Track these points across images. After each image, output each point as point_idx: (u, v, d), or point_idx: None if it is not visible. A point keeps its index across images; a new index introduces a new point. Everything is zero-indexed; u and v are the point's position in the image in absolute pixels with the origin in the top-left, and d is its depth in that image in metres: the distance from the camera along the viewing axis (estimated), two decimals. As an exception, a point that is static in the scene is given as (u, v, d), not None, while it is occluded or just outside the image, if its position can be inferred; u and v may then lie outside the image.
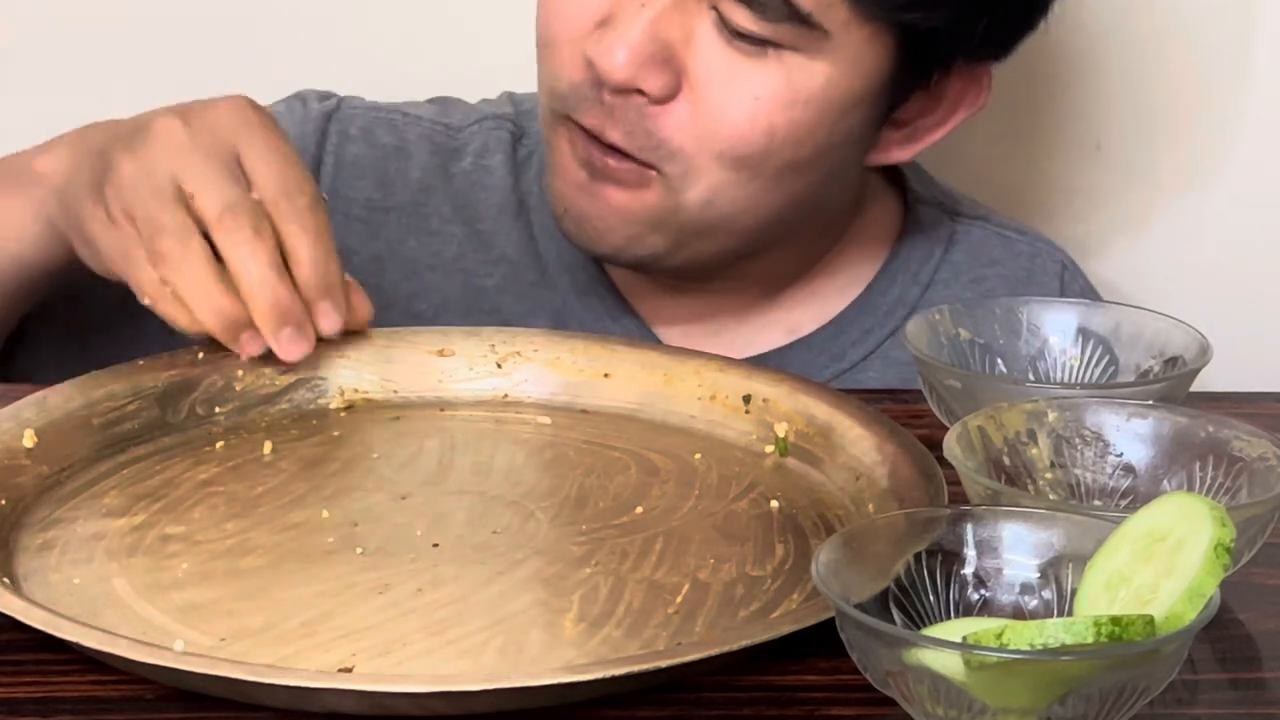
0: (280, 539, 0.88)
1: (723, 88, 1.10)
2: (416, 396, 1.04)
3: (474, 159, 1.26)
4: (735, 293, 1.24)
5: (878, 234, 1.27)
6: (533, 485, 0.95)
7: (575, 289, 1.23)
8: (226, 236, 0.96)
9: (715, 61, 1.10)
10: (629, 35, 1.09)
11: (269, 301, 0.97)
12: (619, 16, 1.10)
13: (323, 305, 0.99)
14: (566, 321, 1.22)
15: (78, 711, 0.76)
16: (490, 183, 1.26)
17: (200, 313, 0.97)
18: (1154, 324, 1.01)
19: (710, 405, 1.03)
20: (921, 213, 1.28)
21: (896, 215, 1.29)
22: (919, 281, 1.25)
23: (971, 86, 1.19)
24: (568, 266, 1.23)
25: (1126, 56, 1.49)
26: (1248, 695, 0.80)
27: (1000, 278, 1.28)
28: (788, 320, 1.25)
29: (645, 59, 1.09)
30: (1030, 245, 1.30)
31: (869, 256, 1.26)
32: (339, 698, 0.74)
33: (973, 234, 1.28)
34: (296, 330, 0.99)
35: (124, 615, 0.81)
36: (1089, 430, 0.89)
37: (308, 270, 0.99)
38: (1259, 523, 0.81)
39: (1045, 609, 0.77)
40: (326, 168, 1.25)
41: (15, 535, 0.87)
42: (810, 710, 0.77)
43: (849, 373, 1.23)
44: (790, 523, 0.92)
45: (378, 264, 1.24)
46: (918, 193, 1.29)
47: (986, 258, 1.28)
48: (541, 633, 0.80)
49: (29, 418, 0.94)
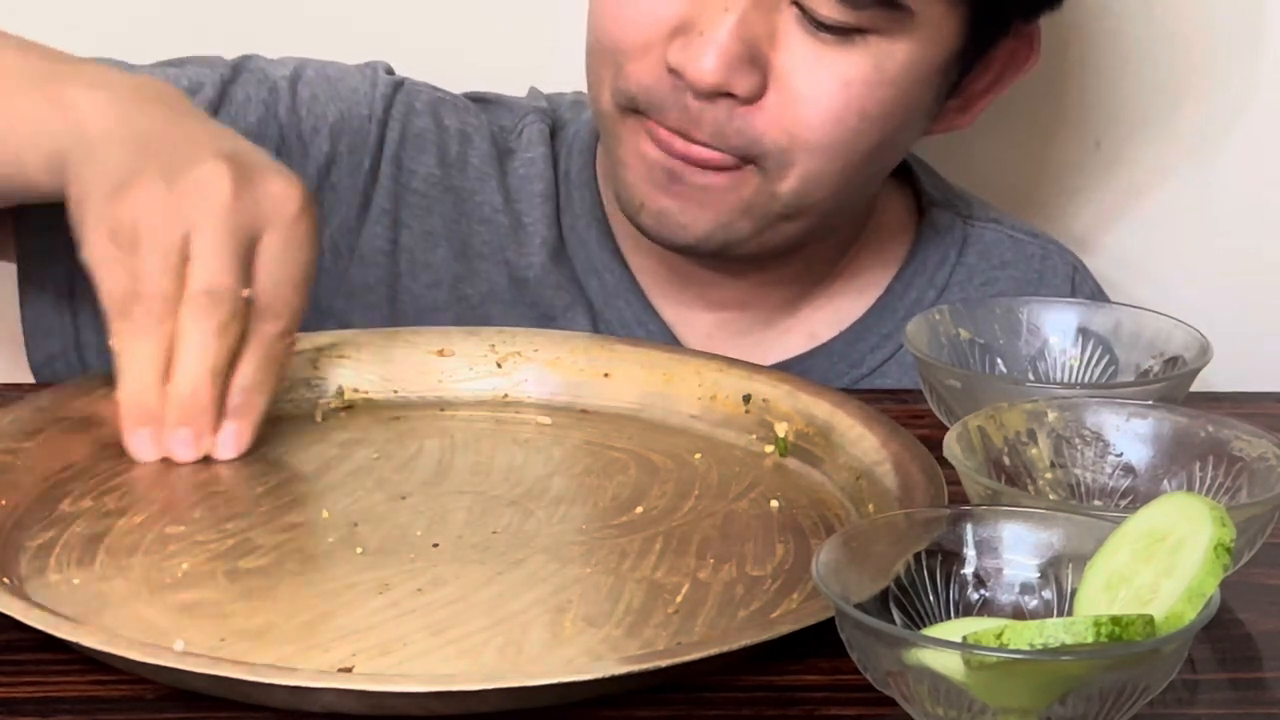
0: (280, 539, 0.88)
1: (812, 80, 1.11)
2: (416, 396, 1.04)
3: (521, 154, 1.26)
4: (764, 292, 1.24)
5: (892, 237, 1.28)
6: (533, 485, 0.95)
7: (603, 291, 1.23)
8: (192, 319, 0.93)
9: (802, 55, 1.10)
10: (717, 40, 1.08)
11: (186, 399, 0.94)
12: (701, 22, 1.09)
13: (232, 426, 0.96)
14: (596, 324, 1.23)
15: (78, 711, 0.76)
16: (534, 174, 1.26)
17: (122, 385, 0.94)
18: (1154, 324, 1.01)
19: (710, 405, 1.03)
20: (935, 215, 1.28)
21: (909, 217, 1.29)
22: (935, 285, 1.26)
23: (1022, 46, 1.20)
24: (594, 269, 1.24)
25: (1126, 56, 1.48)
26: (1248, 695, 0.80)
27: (1012, 280, 1.28)
28: (808, 326, 1.25)
29: (734, 62, 1.09)
30: (1041, 248, 1.31)
31: (885, 260, 1.27)
32: (339, 698, 0.74)
33: (985, 236, 1.29)
34: (194, 437, 0.95)
35: (124, 615, 0.81)
36: (1089, 430, 0.89)
37: (240, 388, 0.95)
38: (1259, 523, 0.81)
39: (1045, 609, 0.77)
40: (392, 135, 1.24)
41: (15, 535, 0.87)
42: (810, 710, 0.77)
43: (867, 378, 1.23)
44: (790, 523, 0.92)
45: (429, 240, 1.23)
46: (930, 195, 1.29)
47: (998, 260, 1.28)
48: (541, 633, 0.80)
49: (29, 418, 0.94)
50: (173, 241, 0.92)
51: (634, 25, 1.12)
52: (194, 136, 0.98)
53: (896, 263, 1.27)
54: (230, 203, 0.93)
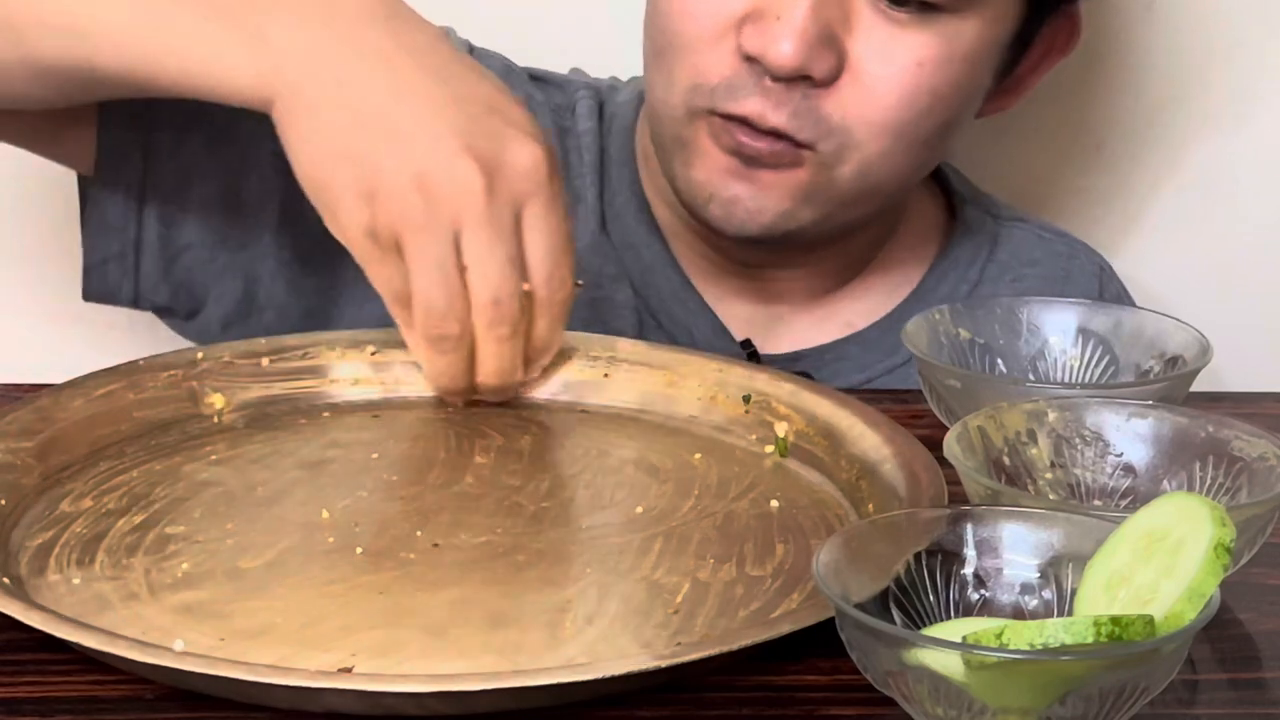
0: (280, 539, 0.88)
1: (887, 61, 1.12)
2: (416, 396, 1.04)
3: (576, 129, 1.28)
4: (801, 284, 1.26)
5: (925, 234, 1.30)
6: (533, 485, 0.95)
7: (640, 266, 1.24)
8: (488, 329, 0.98)
9: (877, 36, 1.12)
10: (795, 23, 1.10)
11: (495, 390, 1.01)
12: (776, 7, 1.11)
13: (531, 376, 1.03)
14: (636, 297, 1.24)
15: (78, 711, 0.75)
16: (585, 144, 1.27)
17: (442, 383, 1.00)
18: (1154, 324, 1.01)
19: (710, 405, 1.03)
20: (968, 213, 1.31)
21: (942, 216, 1.32)
22: (968, 280, 1.28)
23: (1064, 26, 1.23)
24: (632, 245, 1.25)
25: (1126, 56, 1.49)
26: (1248, 695, 0.80)
27: (1040, 278, 1.30)
28: (844, 315, 1.27)
29: (813, 44, 1.11)
30: (1068, 247, 1.33)
31: (919, 256, 1.29)
32: (339, 698, 0.74)
33: (1014, 235, 1.31)
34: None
35: (124, 615, 0.81)
36: (1089, 430, 0.89)
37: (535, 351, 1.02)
38: (1259, 523, 0.81)
39: (1045, 609, 0.77)
40: None
41: (15, 535, 0.87)
42: (810, 710, 0.77)
43: (901, 368, 1.25)
44: (790, 523, 0.92)
45: None
46: (962, 194, 1.31)
47: (1027, 257, 1.31)
48: (541, 633, 0.80)
49: (30, 417, 0.94)
50: (444, 253, 0.96)
51: (706, 17, 1.14)
52: (419, 114, 0.97)
53: (930, 258, 1.29)
54: (486, 199, 0.96)
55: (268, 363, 1.03)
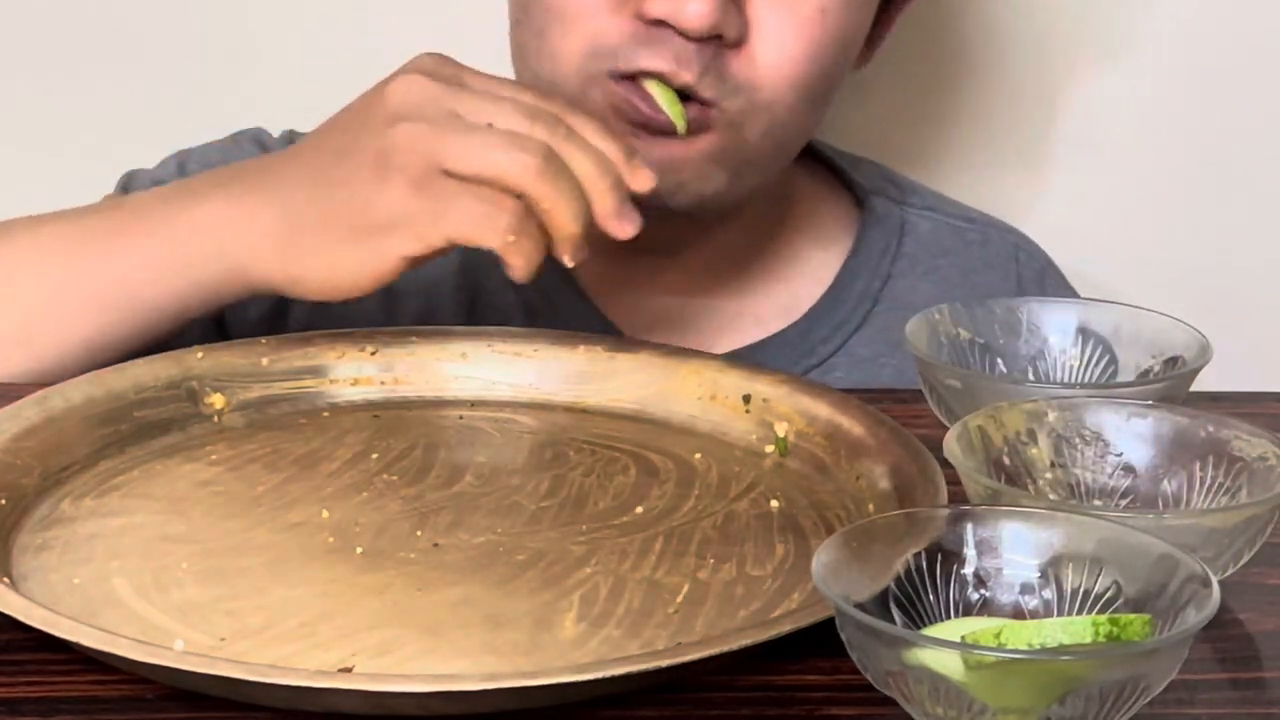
0: (280, 539, 0.88)
1: (792, 11, 1.13)
2: (416, 396, 1.04)
3: None
4: (704, 279, 1.24)
5: (835, 224, 1.29)
6: (533, 485, 0.95)
7: (538, 288, 1.21)
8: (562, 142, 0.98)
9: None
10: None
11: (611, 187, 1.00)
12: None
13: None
14: (535, 319, 1.22)
15: (78, 711, 0.75)
16: None
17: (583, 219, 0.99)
18: (1154, 324, 1.01)
19: (710, 405, 1.03)
20: (875, 204, 1.30)
21: (851, 211, 1.30)
22: (879, 274, 1.27)
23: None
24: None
25: (1126, 57, 1.49)
26: (1248, 695, 0.80)
27: (954, 268, 1.29)
28: (755, 313, 1.25)
29: (724, 2, 1.10)
30: (981, 233, 1.32)
31: (830, 249, 1.28)
32: (339, 698, 0.74)
33: (921, 226, 1.30)
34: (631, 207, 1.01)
35: (124, 615, 0.81)
36: (1089, 430, 0.89)
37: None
38: (1259, 523, 0.81)
39: (1045, 609, 0.76)
40: None
41: (15, 535, 0.87)
42: (810, 710, 0.77)
43: (816, 369, 1.23)
44: (790, 523, 0.92)
45: None
46: (863, 185, 1.30)
47: (938, 248, 1.29)
48: (541, 633, 0.80)
49: (30, 416, 0.94)
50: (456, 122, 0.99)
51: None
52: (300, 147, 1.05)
53: (843, 253, 1.28)
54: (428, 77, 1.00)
55: (268, 363, 1.03)
